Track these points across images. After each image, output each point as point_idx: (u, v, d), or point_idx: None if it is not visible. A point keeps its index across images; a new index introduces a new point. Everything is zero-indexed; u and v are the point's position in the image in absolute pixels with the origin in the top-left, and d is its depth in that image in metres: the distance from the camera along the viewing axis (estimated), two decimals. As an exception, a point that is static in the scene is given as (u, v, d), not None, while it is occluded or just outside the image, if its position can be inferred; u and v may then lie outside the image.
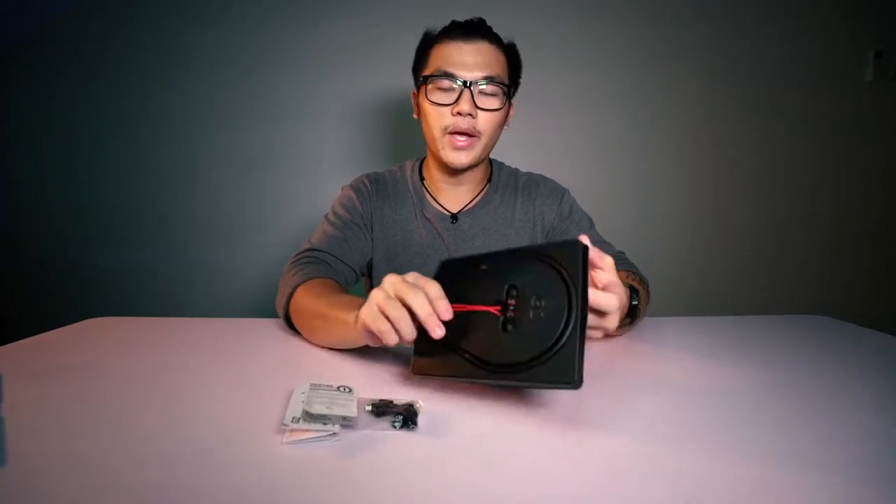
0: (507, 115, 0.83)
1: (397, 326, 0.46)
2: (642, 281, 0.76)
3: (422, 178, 0.90)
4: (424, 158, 0.93)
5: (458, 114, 0.75)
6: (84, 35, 1.57)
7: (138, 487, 0.34)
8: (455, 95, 0.76)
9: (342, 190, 0.90)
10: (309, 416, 0.41)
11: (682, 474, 0.35)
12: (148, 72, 1.58)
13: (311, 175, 1.60)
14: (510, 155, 1.10)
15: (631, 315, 0.65)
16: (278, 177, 1.61)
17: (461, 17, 0.82)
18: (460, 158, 0.79)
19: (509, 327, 0.41)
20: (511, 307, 0.41)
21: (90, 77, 1.59)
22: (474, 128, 0.77)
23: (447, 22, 0.82)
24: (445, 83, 0.76)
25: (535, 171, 0.96)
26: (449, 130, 0.77)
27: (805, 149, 1.56)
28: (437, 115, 0.78)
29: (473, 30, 0.77)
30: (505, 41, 0.82)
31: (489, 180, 0.90)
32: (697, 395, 0.48)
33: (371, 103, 1.55)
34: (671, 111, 1.55)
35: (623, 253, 0.86)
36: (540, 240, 0.89)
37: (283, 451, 0.39)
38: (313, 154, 1.59)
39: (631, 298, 0.64)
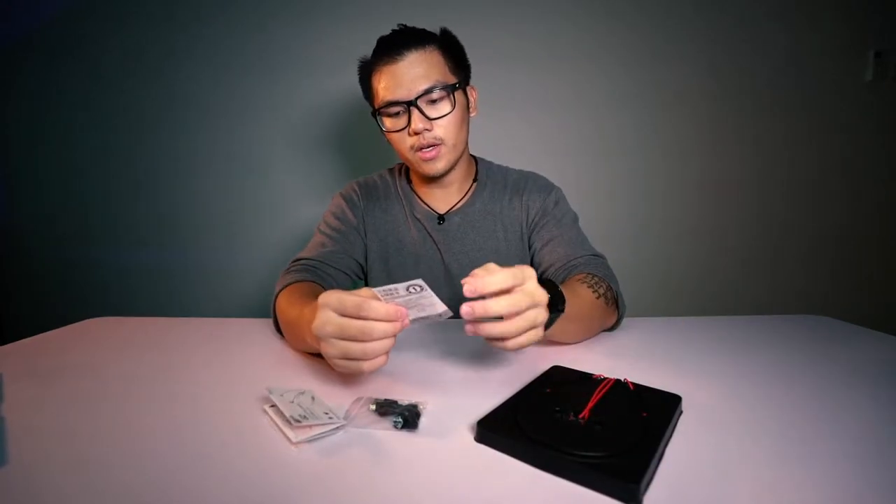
0: (466, 105, 0.82)
1: (364, 359, 0.45)
2: (603, 282, 0.69)
3: (409, 181, 0.91)
4: None
5: (416, 133, 0.76)
6: (83, 36, 1.57)
7: (138, 487, 0.34)
8: (405, 118, 0.76)
9: (333, 199, 0.92)
10: (312, 415, 0.41)
11: (681, 474, 0.35)
12: (148, 73, 1.58)
13: (310, 176, 1.60)
14: (510, 154, 1.10)
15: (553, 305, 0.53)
16: (277, 177, 1.61)
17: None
18: (435, 167, 0.80)
19: (596, 427, 0.40)
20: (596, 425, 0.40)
21: (90, 77, 1.59)
22: (435, 137, 0.78)
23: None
24: (392, 110, 0.77)
25: (535, 170, 0.96)
26: (414, 149, 0.78)
27: (805, 149, 1.56)
28: (399, 140, 0.79)
29: (396, 46, 0.76)
30: (435, 31, 0.80)
31: (476, 179, 0.90)
32: (697, 396, 0.48)
33: (368, 106, 1.55)
34: (671, 111, 1.55)
35: (602, 257, 0.79)
36: (525, 235, 0.88)
37: (281, 451, 0.39)
38: (312, 156, 1.59)
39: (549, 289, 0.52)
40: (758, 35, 1.50)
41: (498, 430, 0.40)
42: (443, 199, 0.89)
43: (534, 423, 0.40)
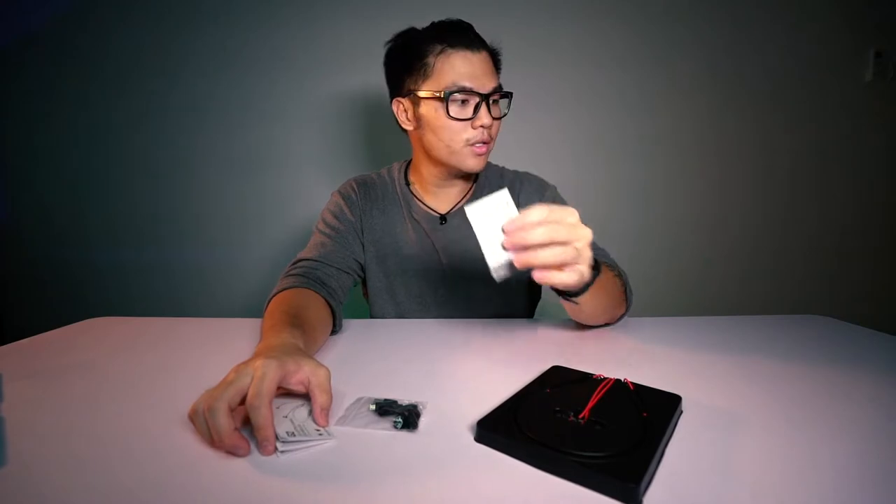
0: None
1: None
2: (614, 268, 0.72)
3: (408, 183, 0.91)
4: (410, 162, 0.93)
5: (481, 126, 0.77)
6: (83, 35, 1.57)
7: (137, 488, 0.34)
8: (470, 109, 0.76)
9: (331, 196, 0.91)
10: (301, 431, 0.41)
11: (681, 474, 0.35)
12: (146, 72, 1.58)
13: (309, 175, 1.60)
14: (510, 155, 1.10)
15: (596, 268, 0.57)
16: (276, 177, 1.61)
17: (457, 17, 0.80)
18: (480, 163, 0.81)
19: (597, 428, 0.40)
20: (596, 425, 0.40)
21: (89, 77, 1.59)
22: (491, 135, 0.80)
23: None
24: (462, 97, 0.76)
25: (536, 171, 0.96)
26: (470, 142, 0.78)
27: (805, 148, 1.56)
28: (457, 129, 0.77)
29: (471, 38, 0.77)
30: (488, 42, 0.81)
31: (475, 180, 0.90)
32: (697, 395, 0.48)
33: (367, 104, 1.55)
34: (672, 111, 1.55)
35: (604, 250, 0.81)
36: None
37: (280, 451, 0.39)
38: (311, 154, 1.59)
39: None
40: (758, 35, 1.50)
41: (498, 430, 0.40)
42: (445, 199, 0.89)
43: (534, 424, 0.40)
